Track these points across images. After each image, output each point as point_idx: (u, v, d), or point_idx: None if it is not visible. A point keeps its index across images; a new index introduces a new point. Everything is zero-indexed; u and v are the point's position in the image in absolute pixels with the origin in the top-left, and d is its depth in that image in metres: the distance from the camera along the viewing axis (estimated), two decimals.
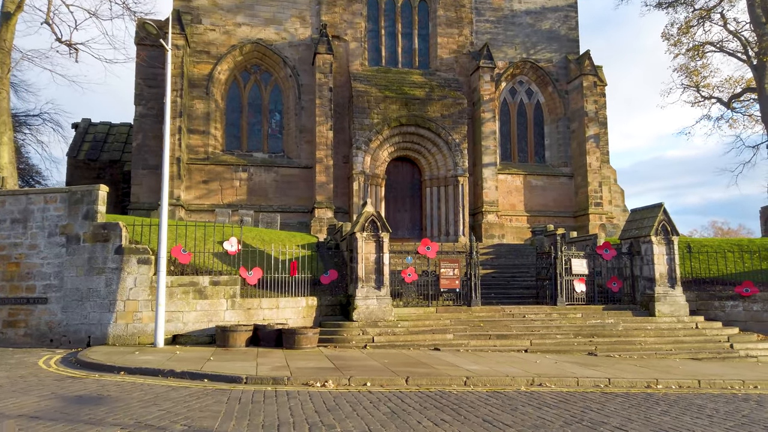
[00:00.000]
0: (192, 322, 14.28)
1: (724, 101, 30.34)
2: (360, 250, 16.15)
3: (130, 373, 10.32)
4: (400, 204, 29.85)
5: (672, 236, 17.84)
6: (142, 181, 26.54)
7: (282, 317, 15.27)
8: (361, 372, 10.76)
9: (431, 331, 15.70)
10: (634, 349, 15.57)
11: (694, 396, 10.21)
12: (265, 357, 12.43)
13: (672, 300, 17.66)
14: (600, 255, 18.46)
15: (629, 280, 18.66)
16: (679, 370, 12.93)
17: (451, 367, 11.82)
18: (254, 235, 18.98)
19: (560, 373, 11.67)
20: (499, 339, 15.53)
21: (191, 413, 7.24)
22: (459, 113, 28.95)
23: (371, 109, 27.99)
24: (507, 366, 12.30)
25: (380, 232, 16.26)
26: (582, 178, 30.72)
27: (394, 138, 28.65)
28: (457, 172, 28.66)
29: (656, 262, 17.73)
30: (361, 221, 16.17)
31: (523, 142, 32.22)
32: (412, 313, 16.55)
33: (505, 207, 30.47)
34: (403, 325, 15.84)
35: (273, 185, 28.03)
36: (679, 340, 16.35)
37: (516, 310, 17.37)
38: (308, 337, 13.80)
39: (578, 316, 17.25)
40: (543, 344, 15.45)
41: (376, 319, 15.82)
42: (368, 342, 14.84)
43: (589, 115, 30.62)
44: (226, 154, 28.00)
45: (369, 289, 16.05)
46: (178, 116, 25.87)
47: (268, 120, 29.16)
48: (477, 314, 16.89)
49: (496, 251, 23.91)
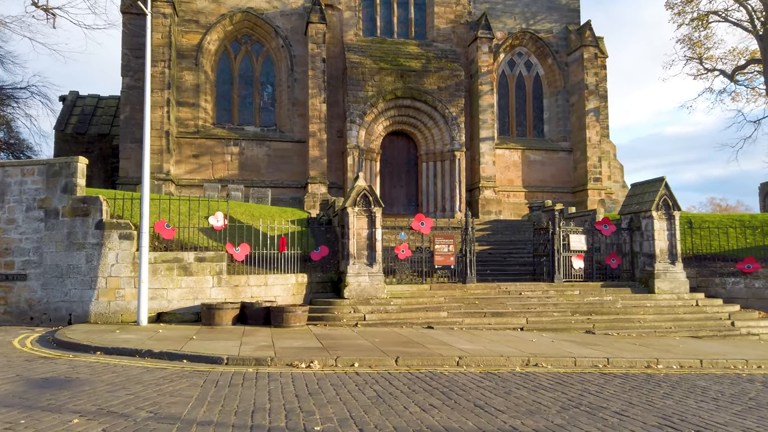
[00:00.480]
0: (177, 299, 13.76)
1: (727, 73, 29.56)
2: (351, 226, 15.59)
3: (106, 353, 9.80)
4: (396, 179, 29.23)
5: (673, 211, 17.29)
6: (130, 155, 25.79)
7: (271, 295, 14.76)
8: (350, 352, 10.27)
9: (425, 309, 15.24)
10: (633, 327, 15.14)
11: (697, 377, 9.75)
12: (251, 336, 11.94)
13: (672, 277, 17.19)
14: (599, 231, 17.93)
15: (628, 257, 18.17)
16: (679, 349, 12.49)
17: (443, 346, 11.35)
18: (243, 210, 18.40)
19: (557, 352, 11.21)
20: (495, 317, 15.07)
21: (161, 398, 6.71)
22: (456, 86, 28.18)
23: (366, 82, 27.20)
24: (502, 345, 11.83)
25: (372, 207, 15.69)
26: (581, 153, 30.09)
27: (390, 111, 27.93)
28: (453, 146, 28.01)
29: (656, 238, 17.21)
30: (353, 196, 15.59)
31: (521, 115, 31.49)
32: (405, 291, 16.06)
33: (502, 182, 29.88)
34: (396, 303, 15.37)
35: (265, 160, 27.36)
36: (679, 318, 15.92)
37: (512, 287, 16.89)
38: (297, 315, 13.30)
39: (576, 294, 16.78)
40: (539, 322, 15.00)
41: (368, 297, 15.33)
42: (359, 320, 14.36)
43: (590, 88, 29.84)
44: (217, 128, 27.28)
45: (361, 265, 15.52)
46: (167, 88, 25.09)
47: (260, 92, 28.37)
48: (472, 291, 16.41)
49: (492, 227, 23.39)
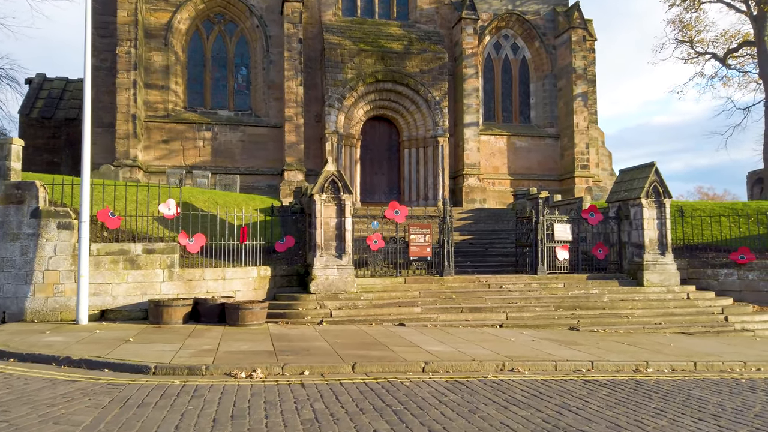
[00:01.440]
0: (123, 295, 12.46)
1: (719, 57, 28.41)
2: (318, 214, 14.32)
3: (20, 360, 8.50)
4: (377, 166, 27.93)
5: (663, 199, 16.14)
6: (96, 139, 24.28)
7: (229, 289, 13.49)
8: (303, 357, 9.05)
9: (397, 304, 14.03)
10: (620, 323, 14.02)
11: (691, 384, 8.62)
12: (198, 337, 10.68)
13: (662, 268, 16.09)
14: (585, 219, 16.76)
15: (616, 247, 17.04)
16: (670, 349, 11.37)
17: (411, 348, 10.15)
18: (207, 197, 17.08)
19: (536, 354, 10.05)
20: (472, 312, 13.90)
21: (39, 427, 5.39)
22: (439, 68, 26.84)
23: (345, 64, 25.81)
24: (476, 346, 10.65)
25: (341, 193, 14.43)
26: (568, 140, 28.91)
27: (370, 95, 26.59)
28: (436, 132, 26.73)
29: (646, 227, 16.07)
30: (320, 181, 14.31)
31: (507, 101, 30.22)
32: (377, 284, 14.85)
33: (487, 170, 28.67)
34: (367, 298, 14.15)
35: (239, 146, 25.98)
36: (669, 313, 14.82)
37: (492, 279, 15.72)
38: (254, 312, 12.04)
39: (560, 287, 15.65)
40: (520, 318, 13.85)
41: (337, 291, 14.10)
42: (325, 317, 13.12)
43: (577, 72, 28.60)
44: (189, 112, 25.83)
45: (329, 257, 14.28)
46: (133, 69, 23.62)
47: (234, 75, 26.90)
48: (449, 285, 15.23)
49: (475, 216, 22.20)
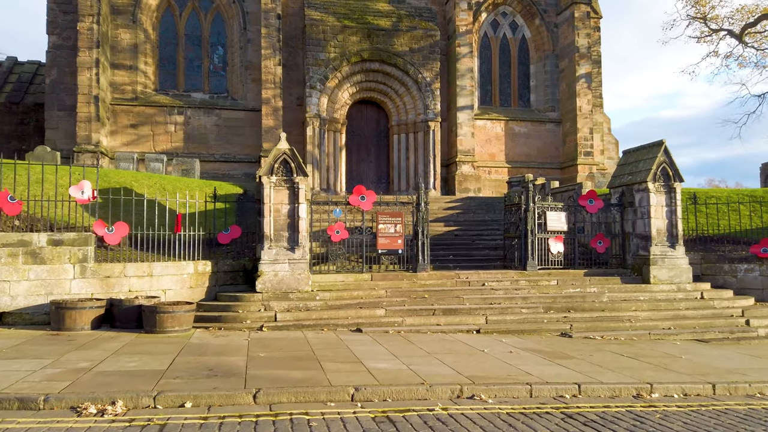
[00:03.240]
0: (23, 295, 10.33)
1: (735, 33, 25.79)
2: (267, 200, 12.09)
3: None
4: (364, 153, 25.69)
5: (674, 183, 13.76)
6: (58, 124, 22.31)
7: (158, 288, 11.31)
8: (197, 380, 6.85)
9: (358, 305, 11.80)
10: (621, 328, 11.71)
11: (711, 418, 6.35)
12: (92, 348, 8.52)
13: (671, 263, 13.74)
14: (583, 207, 14.42)
15: (619, 239, 14.70)
16: (681, 363, 9.07)
17: (350, 365, 7.93)
18: (154, 183, 14.93)
19: (509, 373, 7.79)
20: (446, 315, 11.65)
21: None
22: (431, 47, 24.52)
23: (327, 41, 23.55)
24: (437, 361, 8.41)
25: (295, 175, 12.19)
26: (571, 124, 26.46)
27: (356, 76, 24.32)
28: (427, 116, 24.44)
29: (653, 216, 13.72)
30: (269, 161, 12.06)
31: (505, 83, 27.79)
32: (338, 282, 12.63)
33: (483, 157, 26.32)
34: (323, 298, 11.94)
35: (214, 131, 23.80)
36: (679, 315, 12.48)
37: (474, 276, 13.45)
38: (176, 316, 9.86)
39: (552, 284, 13.34)
40: (502, 322, 11.57)
41: (287, 290, 11.89)
42: (268, 321, 10.92)
43: (581, 51, 26.11)
44: (160, 94, 23.70)
45: (279, 250, 12.07)
46: (95, 47, 21.48)
47: (210, 55, 24.69)
48: (423, 282, 12.98)
49: (464, 205, 19.90)
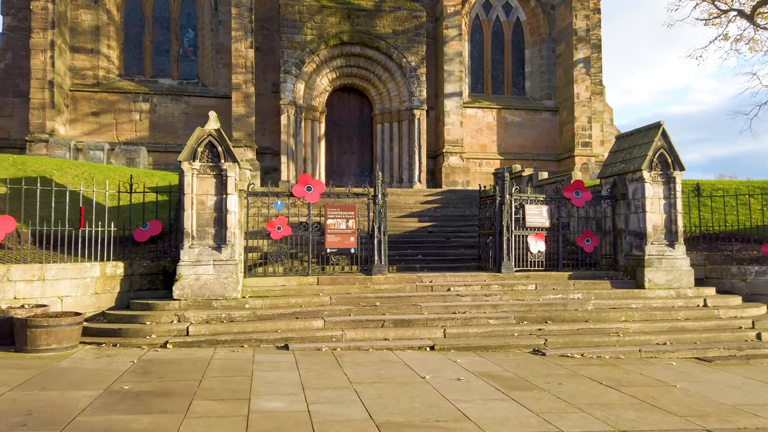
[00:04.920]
0: None
1: (746, 14, 23.48)
2: (189, 190, 10.14)
3: None
4: (346, 144, 23.75)
5: (673, 171, 11.64)
6: (13, 112, 20.56)
7: (54, 295, 9.39)
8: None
9: (294, 315, 9.84)
10: (606, 343, 9.66)
11: None
12: None
13: (670, 264, 11.66)
14: (568, 199, 12.36)
15: (610, 236, 12.62)
16: (674, 396, 7.04)
17: (227, 407, 5.94)
18: (81, 172, 13.04)
19: (441, 415, 5.80)
20: (397, 327, 9.66)
21: None
22: (416, 29, 22.51)
23: (304, 23, 21.61)
24: (352, 396, 6.42)
25: (222, 161, 10.23)
26: (568, 113, 24.35)
27: (336, 61, 22.37)
28: (412, 103, 22.46)
29: (649, 209, 11.63)
30: (190, 144, 10.09)
31: (498, 69, 25.69)
32: (277, 287, 10.67)
33: (473, 148, 24.30)
34: (254, 306, 9.99)
35: (183, 119, 21.95)
36: (677, 327, 10.40)
37: (440, 279, 11.44)
38: (53, 331, 7.94)
39: (530, 289, 11.32)
40: (463, 336, 9.56)
41: (212, 297, 9.95)
42: (177, 336, 8.96)
43: (579, 34, 23.97)
44: (124, 80, 21.86)
45: (203, 249, 10.13)
46: (50, 27, 19.66)
47: (179, 38, 22.83)
48: (378, 287, 10.98)
49: (444, 199, 17.86)
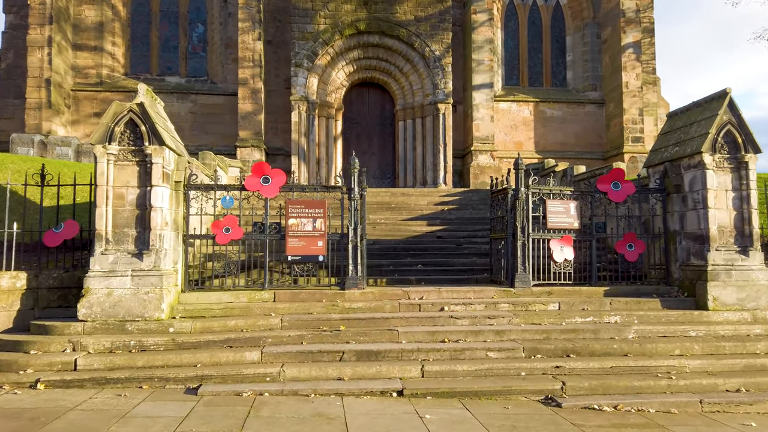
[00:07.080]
0: None
1: None
2: (103, 181, 7.88)
3: None
4: (366, 144, 21.36)
5: (745, 154, 8.54)
6: (14, 113, 19.21)
7: None
8: None
9: (226, 342, 7.35)
10: (653, 390, 6.69)
11: None
12: None
13: (743, 277, 8.53)
14: (604, 193, 9.41)
15: (660, 241, 9.58)
16: None
17: None
18: (28, 167, 11.16)
19: None
20: (360, 362, 7.01)
21: None
22: (440, 15, 19.97)
23: (316, 11, 19.46)
24: None
25: (146, 144, 7.93)
26: (615, 105, 21.14)
27: (352, 52, 20.11)
28: (436, 97, 19.88)
29: (712, 205, 8.56)
30: (105, 122, 7.80)
31: (535, 59, 22.75)
32: (219, 304, 8.23)
33: (507, 146, 21.45)
34: (180, 330, 7.57)
35: (189, 118, 20.18)
36: (756, 366, 7.29)
37: (433, 295, 8.72)
38: None
39: (550, 309, 8.45)
40: (449, 374, 6.81)
41: (128, 318, 7.62)
42: (60, 371, 6.59)
43: (627, 15, 20.76)
44: (130, 78, 20.25)
45: (120, 256, 7.82)
46: (48, 23, 18.28)
47: (188, 33, 21.11)
48: (349, 305, 8.37)
49: (462, 200, 15.07)
